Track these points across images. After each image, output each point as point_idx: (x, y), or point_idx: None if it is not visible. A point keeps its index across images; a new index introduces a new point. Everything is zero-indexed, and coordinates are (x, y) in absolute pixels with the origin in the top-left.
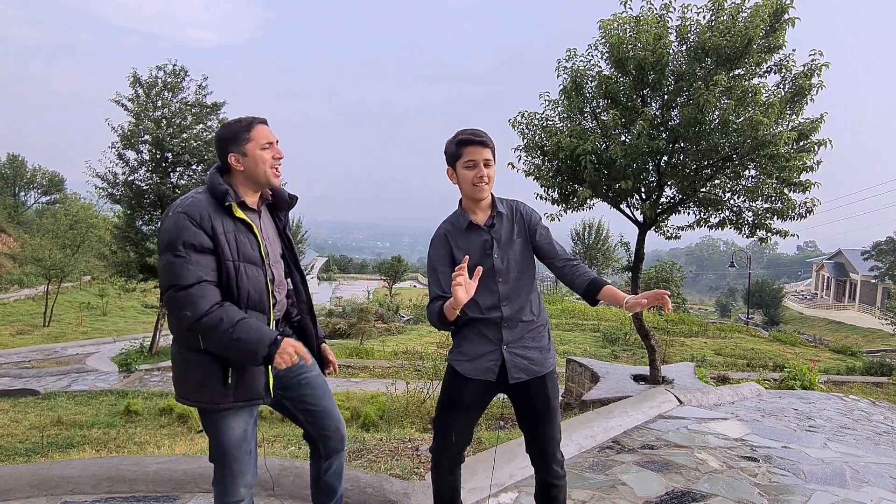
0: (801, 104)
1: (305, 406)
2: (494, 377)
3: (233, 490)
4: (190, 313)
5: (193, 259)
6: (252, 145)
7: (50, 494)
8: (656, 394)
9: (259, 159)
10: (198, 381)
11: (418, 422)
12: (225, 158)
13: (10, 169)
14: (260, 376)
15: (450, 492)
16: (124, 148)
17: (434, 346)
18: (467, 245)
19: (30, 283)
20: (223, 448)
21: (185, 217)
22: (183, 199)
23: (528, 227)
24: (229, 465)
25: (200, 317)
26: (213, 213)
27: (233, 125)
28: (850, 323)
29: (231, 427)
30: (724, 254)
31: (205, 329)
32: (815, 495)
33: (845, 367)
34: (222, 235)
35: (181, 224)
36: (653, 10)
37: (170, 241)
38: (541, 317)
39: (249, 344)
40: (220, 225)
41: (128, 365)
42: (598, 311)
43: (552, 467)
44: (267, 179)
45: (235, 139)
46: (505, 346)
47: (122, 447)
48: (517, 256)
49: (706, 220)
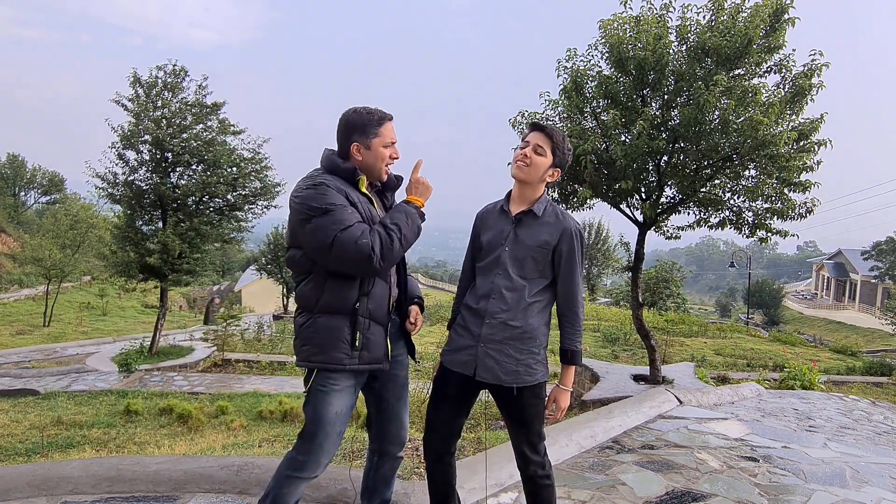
0: (801, 104)
1: (382, 402)
2: (471, 372)
3: (316, 464)
4: (372, 243)
5: (347, 209)
6: (378, 141)
7: (50, 494)
8: (656, 394)
9: (380, 156)
10: (327, 342)
11: (418, 422)
12: (347, 145)
13: (10, 169)
14: (382, 341)
15: (441, 484)
16: (124, 148)
17: (434, 346)
18: (492, 228)
19: (30, 283)
20: (322, 422)
21: (325, 185)
22: (310, 176)
23: (560, 246)
24: (321, 442)
25: (387, 240)
26: (343, 184)
27: (364, 115)
28: (850, 323)
29: (335, 403)
30: (724, 254)
31: (391, 239)
32: (815, 495)
33: (845, 367)
34: (358, 203)
35: (323, 189)
36: (653, 10)
37: (317, 201)
38: (532, 330)
39: (411, 219)
40: (353, 194)
41: (128, 365)
42: (598, 311)
43: (529, 466)
44: (379, 175)
45: (364, 130)
46: (481, 343)
47: (122, 447)
48: (525, 259)
49: (706, 220)
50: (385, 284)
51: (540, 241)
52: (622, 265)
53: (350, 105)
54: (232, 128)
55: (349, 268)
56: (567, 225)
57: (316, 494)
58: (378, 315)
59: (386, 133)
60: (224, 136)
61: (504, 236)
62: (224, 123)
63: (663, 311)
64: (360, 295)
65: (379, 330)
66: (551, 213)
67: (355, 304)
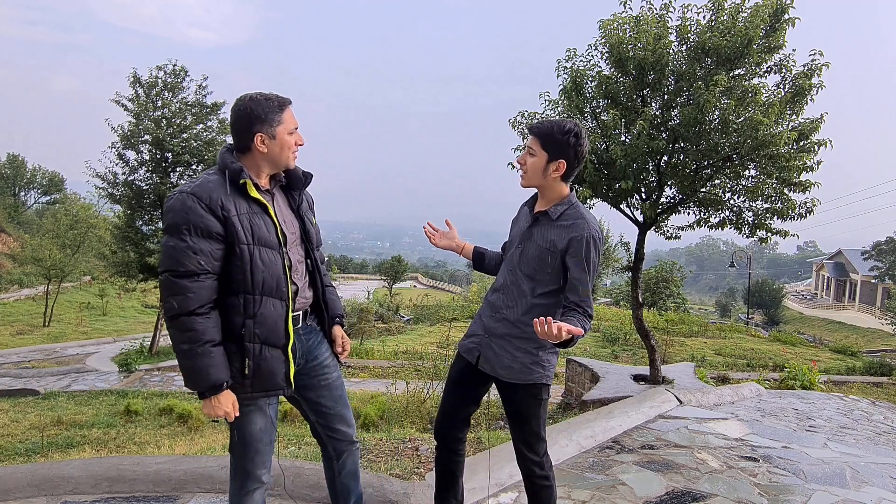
0: (801, 104)
1: (321, 408)
2: (474, 360)
3: (254, 476)
4: (176, 305)
5: (197, 246)
6: (282, 128)
7: (50, 494)
8: (656, 394)
9: (286, 144)
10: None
11: (418, 422)
12: (250, 138)
13: (10, 169)
14: (280, 366)
15: (445, 472)
16: (124, 148)
17: (434, 346)
18: (518, 223)
19: (30, 283)
20: (245, 440)
21: (194, 198)
22: (193, 180)
23: (566, 252)
24: (251, 456)
25: (182, 314)
26: (224, 194)
27: (263, 103)
28: (850, 323)
29: (252, 421)
30: (724, 254)
31: (178, 326)
32: (815, 495)
33: (845, 367)
34: (236, 217)
35: (188, 206)
36: (653, 10)
37: (175, 223)
38: (532, 331)
39: (197, 372)
40: (233, 207)
41: (128, 365)
42: (598, 310)
43: (525, 464)
44: (287, 163)
45: (266, 119)
46: (486, 334)
47: (122, 447)
48: (534, 259)
49: (706, 220)
50: (279, 301)
51: (548, 243)
52: (622, 265)
53: (350, 104)
54: None
55: None
56: (577, 233)
57: (315, 494)
58: (272, 338)
59: (289, 119)
60: (224, 136)
61: (522, 234)
62: (224, 123)
63: (663, 311)
64: (245, 318)
65: (275, 353)
66: (569, 217)
67: (241, 329)
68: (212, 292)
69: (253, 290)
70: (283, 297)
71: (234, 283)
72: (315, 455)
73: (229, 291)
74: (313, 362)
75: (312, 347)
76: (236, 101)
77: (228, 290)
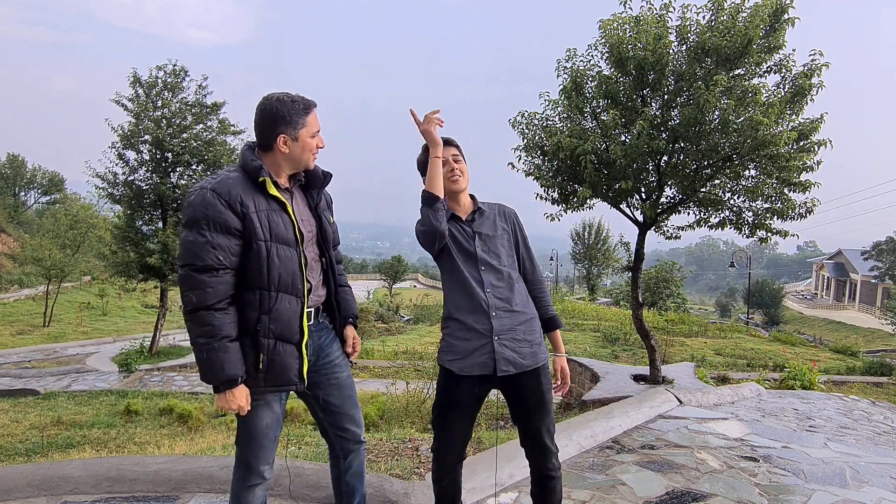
0: (801, 104)
1: (329, 406)
2: (491, 370)
3: (257, 471)
4: (195, 299)
5: (216, 241)
6: (305, 131)
7: (50, 494)
8: (656, 394)
9: (307, 146)
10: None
11: (418, 422)
12: (273, 137)
13: (10, 169)
14: (293, 362)
15: (452, 490)
16: (124, 148)
17: (434, 346)
18: (452, 234)
19: (30, 283)
20: (251, 434)
21: (214, 195)
22: (214, 176)
23: (515, 229)
24: (255, 450)
25: (200, 308)
26: (244, 191)
27: (289, 104)
28: (850, 323)
29: (260, 416)
30: (724, 254)
31: (196, 320)
32: (815, 495)
33: (845, 367)
34: (254, 214)
35: (209, 202)
36: (653, 10)
37: (194, 218)
38: (529, 308)
39: (213, 366)
40: (252, 203)
41: (128, 365)
42: (598, 310)
43: (548, 459)
44: (307, 165)
45: (290, 121)
46: (496, 336)
47: (122, 447)
48: (499, 247)
49: (706, 220)
50: (295, 298)
51: (507, 230)
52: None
53: (350, 104)
54: (232, 128)
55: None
56: (505, 211)
57: (316, 494)
58: (286, 334)
59: (312, 122)
60: (224, 136)
61: (469, 236)
62: (224, 123)
63: (663, 311)
64: (261, 314)
65: (289, 349)
66: (489, 207)
67: (256, 324)
68: (229, 287)
69: (269, 286)
70: (298, 294)
71: (250, 278)
72: (315, 455)
73: (245, 287)
74: (324, 360)
75: (324, 345)
76: (262, 99)
77: (245, 285)
